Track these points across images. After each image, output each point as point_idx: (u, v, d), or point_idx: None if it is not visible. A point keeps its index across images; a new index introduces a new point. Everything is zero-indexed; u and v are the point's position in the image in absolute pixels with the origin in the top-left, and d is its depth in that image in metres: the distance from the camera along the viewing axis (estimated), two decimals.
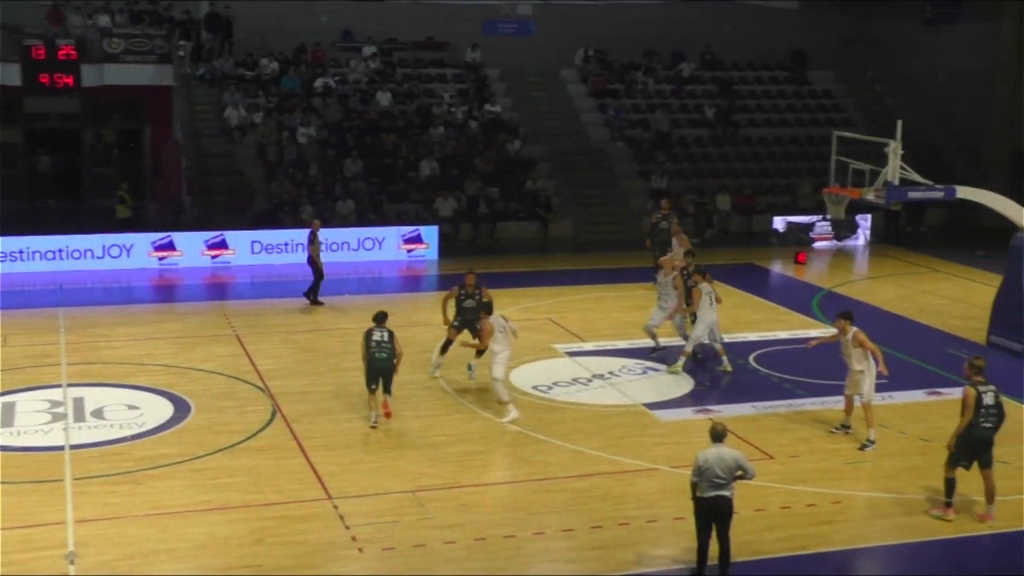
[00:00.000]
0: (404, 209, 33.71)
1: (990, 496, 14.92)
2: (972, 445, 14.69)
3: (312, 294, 25.90)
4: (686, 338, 21.38)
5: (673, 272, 21.70)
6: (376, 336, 17.96)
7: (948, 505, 14.88)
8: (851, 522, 15.00)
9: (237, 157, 34.40)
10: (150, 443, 17.20)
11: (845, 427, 17.98)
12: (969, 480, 15.32)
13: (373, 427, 17.93)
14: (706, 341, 20.91)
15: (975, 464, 14.85)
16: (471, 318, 19.88)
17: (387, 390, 18.07)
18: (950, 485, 14.85)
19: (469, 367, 20.11)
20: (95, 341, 22.59)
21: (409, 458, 16.78)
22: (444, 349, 20.36)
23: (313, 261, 25.85)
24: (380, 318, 18.27)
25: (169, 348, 22.24)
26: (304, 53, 38.20)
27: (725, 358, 20.92)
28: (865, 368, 17.39)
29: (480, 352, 19.48)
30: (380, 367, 17.90)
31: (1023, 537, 14.69)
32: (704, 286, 20.73)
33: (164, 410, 18.59)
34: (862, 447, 17.36)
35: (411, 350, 22.10)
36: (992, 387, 14.77)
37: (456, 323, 20.15)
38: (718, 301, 20.90)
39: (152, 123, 36.54)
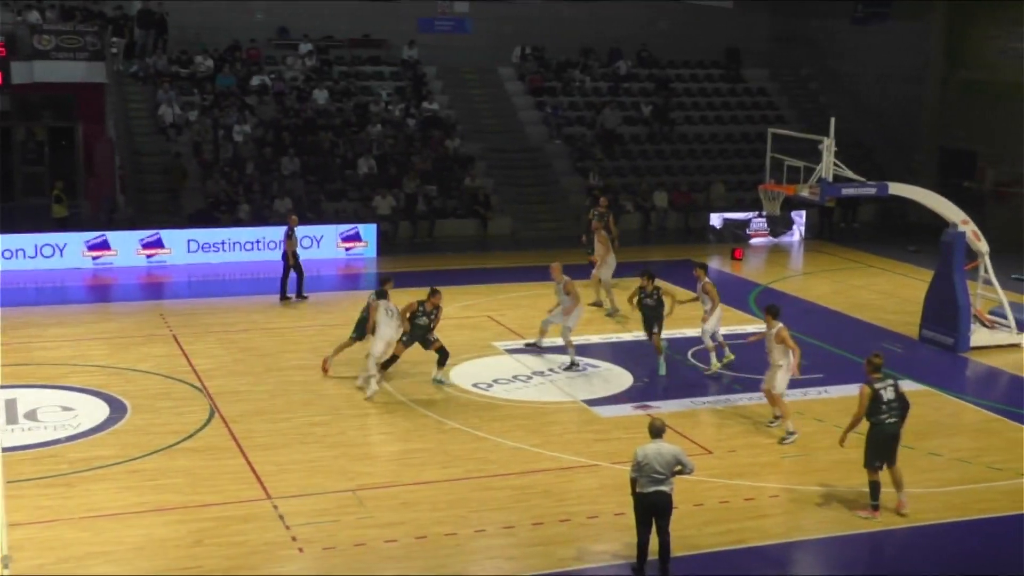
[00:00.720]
0: (342, 207, 33.58)
1: (898, 485, 15.10)
2: (882, 442, 14.84)
3: (283, 291, 26.06)
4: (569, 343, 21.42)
5: (564, 278, 21.30)
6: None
7: (875, 508, 15.02)
8: (789, 515, 15.18)
9: (172, 155, 34.02)
10: (85, 445, 17.00)
11: (779, 418, 18.21)
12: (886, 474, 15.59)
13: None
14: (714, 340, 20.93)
15: (877, 468, 14.95)
16: (420, 335, 19.70)
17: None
18: (874, 487, 14.98)
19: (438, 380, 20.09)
20: (28, 342, 22.26)
21: (349, 457, 16.73)
22: (386, 365, 19.73)
23: (289, 257, 25.91)
24: (382, 294, 19.72)
25: (104, 348, 21.97)
26: (239, 50, 37.88)
27: (713, 355, 20.87)
28: (784, 364, 17.64)
29: (443, 361, 19.89)
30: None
31: (954, 528, 14.97)
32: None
33: (99, 411, 18.37)
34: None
35: (350, 348, 22.06)
36: (891, 381, 14.92)
37: (405, 339, 19.75)
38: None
39: (84, 121, 36.10)
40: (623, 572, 13.45)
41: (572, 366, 21.12)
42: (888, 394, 14.77)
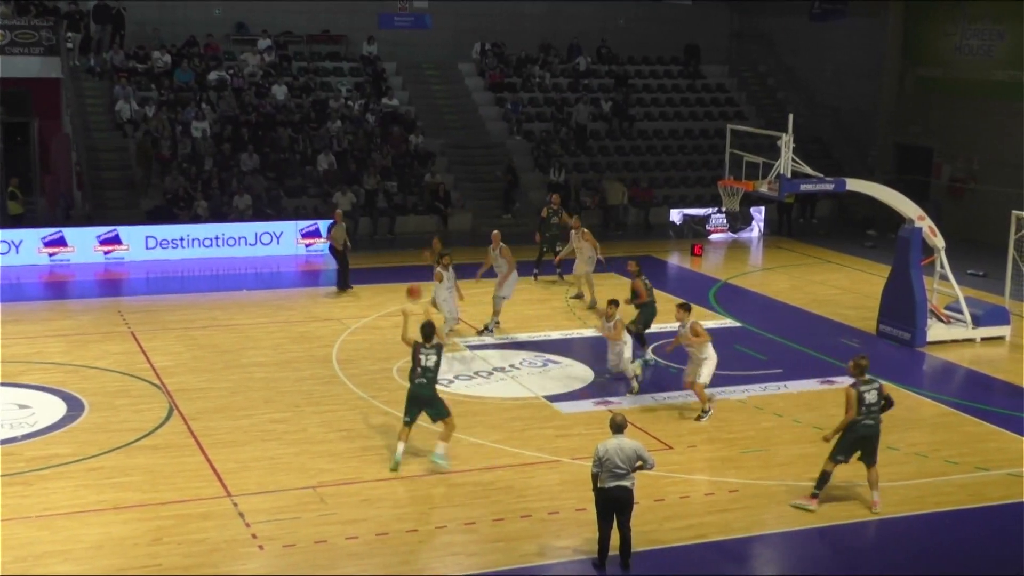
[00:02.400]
0: (302, 204, 33.43)
1: (874, 484, 15.26)
2: (853, 441, 15.01)
3: (342, 282, 26.45)
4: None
5: (501, 244, 23.35)
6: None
7: (814, 496, 15.15)
8: (748, 509, 15.25)
9: (129, 151, 33.77)
10: (42, 443, 16.84)
11: (704, 412, 18.38)
12: (853, 468, 15.69)
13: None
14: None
15: (856, 460, 15.11)
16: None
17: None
18: (824, 477, 15.12)
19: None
20: None
21: (309, 454, 16.67)
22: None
23: (334, 250, 26.39)
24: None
25: (61, 345, 21.78)
26: (196, 45, 37.61)
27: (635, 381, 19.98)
28: (709, 357, 18.05)
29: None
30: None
31: (912, 522, 15.12)
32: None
33: (56, 409, 18.21)
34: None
35: (311, 344, 22.05)
36: (876, 384, 15.08)
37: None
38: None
39: (40, 117, 35.72)
40: (584, 567, 13.49)
41: (485, 330, 22.87)
42: (871, 396, 14.94)
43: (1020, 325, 24.19)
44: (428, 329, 16.17)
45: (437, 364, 16.07)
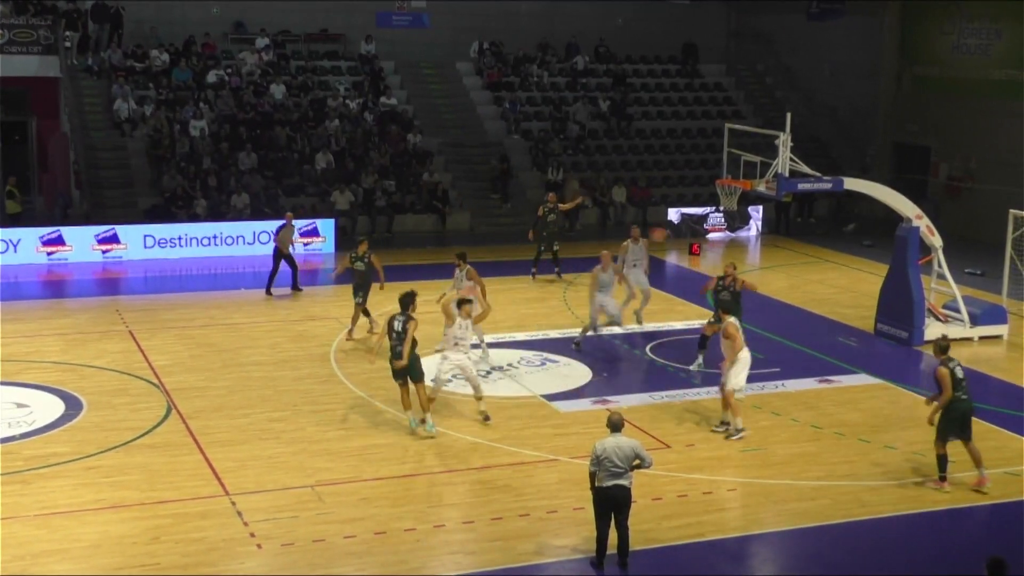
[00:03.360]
0: (300, 202, 33.41)
1: (978, 462, 15.65)
2: (957, 418, 15.39)
3: (270, 285, 26.15)
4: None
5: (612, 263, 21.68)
6: None
7: (943, 479, 15.53)
8: (746, 508, 15.27)
9: (128, 150, 33.78)
10: (40, 442, 16.84)
11: (725, 424, 17.89)
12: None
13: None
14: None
15: (948, 442, 15.54)
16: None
17: None
18: (943, 460, 15.53)
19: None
20: None
21: (308, 453, 16.67)
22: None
23: (279, 252, 26.02)
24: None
25: (59, 344, 21.77)
26: (194, 45, 37.60)
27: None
28: (739, 359, 17.45)
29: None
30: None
31: (909, 521, 15.12)
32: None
33: (55, 408, 18.20)
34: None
35: (309, 343, 22.06)
36: (957, 361, 15.47)
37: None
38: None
39: (38, 116, 35.72)
40: (582, 566, 13.49)
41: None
42: (959, 372, 15.33)
43: (1018, 324, 24.22)
44: (404, 299, 17.36)
45: (404, 331, 17.07)
